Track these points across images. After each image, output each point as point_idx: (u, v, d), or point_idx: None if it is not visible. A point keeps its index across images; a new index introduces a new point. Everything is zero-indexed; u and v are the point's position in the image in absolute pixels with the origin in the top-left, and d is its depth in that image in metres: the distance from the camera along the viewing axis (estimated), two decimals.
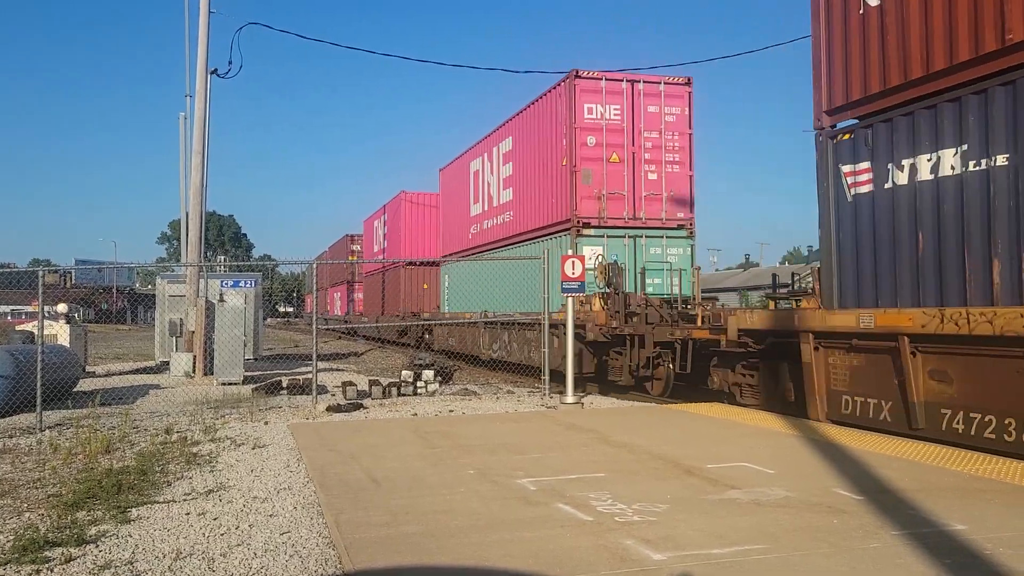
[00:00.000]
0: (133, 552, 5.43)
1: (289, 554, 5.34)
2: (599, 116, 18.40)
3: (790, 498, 6.37)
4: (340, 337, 53.17)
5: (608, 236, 18.22)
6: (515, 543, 5.31)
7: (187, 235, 20.73)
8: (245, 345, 18.41)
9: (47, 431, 10.86)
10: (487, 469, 7.72)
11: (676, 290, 17.62)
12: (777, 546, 5.15)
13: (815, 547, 5.12)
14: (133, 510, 6.52)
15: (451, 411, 12.64)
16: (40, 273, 12.20)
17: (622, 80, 18.58)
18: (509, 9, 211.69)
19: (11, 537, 5.78)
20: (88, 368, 20.94)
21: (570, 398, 13.05)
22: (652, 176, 18.56)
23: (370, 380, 16.70)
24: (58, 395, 13.35)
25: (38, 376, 11.26)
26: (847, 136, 10.34)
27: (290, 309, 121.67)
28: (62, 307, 21.28)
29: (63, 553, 5.36)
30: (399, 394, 14.75)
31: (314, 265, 15.51)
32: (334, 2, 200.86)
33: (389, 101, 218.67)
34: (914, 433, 9.04)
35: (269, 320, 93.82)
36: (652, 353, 14.81)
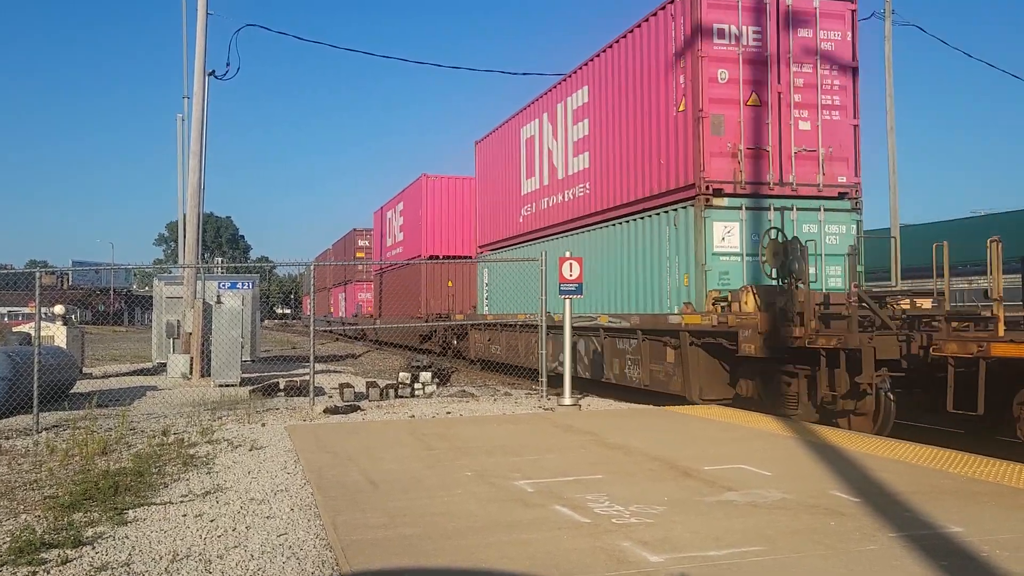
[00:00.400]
0: (130, 554, 5.42)
1: (286, 556, 5.33)
2: (732, 41, 13.50)
3: (787, 500, 6.37)
4: (337, 339, 53.08)
5: (747, 208, 13.42)
6: (512, 545, 5.31)
7: (184, 237, 20.73)
8: (242, 347, 18.38)
9: (44, 432, 10.84)
10: (485, 471, 7.72)
11: (837, 282, 13.27)
12: (774, 548, 5.15)
13: (812, 549, 5.13)
14: (130, 512, 6.51)
15: (448, 413, 12.63)
16: (37, 274, 12.18)
17: None
18: (508, 10, 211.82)
19: (8, 539, 5.77)
20: (85, 370, 20.91)
21: (567, 400, 13.04)
22: (804, 126, 13.80)
23: (367, 382, 16.69)
24: (55, 397, 13.33)
25: (35, 377, 11.26)
26: None
27: (287, 311, 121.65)
28: (59, 308, 21.24)
29: (60, 555, 5.35)
30: (396, 396, 14.74)
31: (312, 267, 15.46)
32: (333, 4, 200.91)
33: (388, 102, 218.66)
34: None
35: (266, 322, 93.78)
36: (874, 378, 10.10)
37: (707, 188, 13.23)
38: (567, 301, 13.33)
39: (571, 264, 13.30)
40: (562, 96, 19.12)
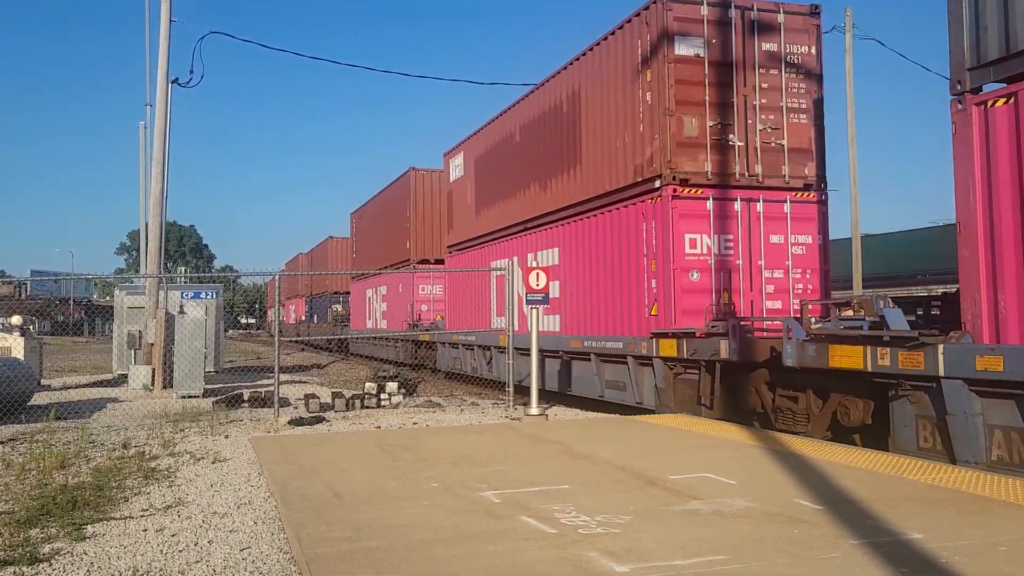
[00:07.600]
0: (88, 570, 5.31)
1: (249, 570, 5.26)
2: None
3: (752, 508, 6.43)
4: (303, 349, 52.76)
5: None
6: (479, 556, 5.29)
7: (147, 246, 20.44)
8: (206, 357, 18.17)
9: None
10: (451, 482, 7.69)
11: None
12: (739, 556, 5.19)
13: (776, 557, 5.17)
14: (89, 527, 6.39)
15: (415, 423, 12.57)
16: None
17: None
18: (477, 22, 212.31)
19: None
20: (43, 381, 20.47)
21: (534, 410, 13.05)
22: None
23: (333, 393, 16.54)
24: (11, 409, 13.05)
25: None
26: None
27: (252, 321, 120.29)
28: (16, 319, 20.75)
29: (15, 572, 5.23)
30: (363, 407, 14.64)
31: (276, 277, 15.30)
32: (303, 14, 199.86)
33: (356, 112, 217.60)
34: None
35: (231, 332, 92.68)
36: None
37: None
38: (533, 311, 13.35)
39: (538, 274, 13.33)
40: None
